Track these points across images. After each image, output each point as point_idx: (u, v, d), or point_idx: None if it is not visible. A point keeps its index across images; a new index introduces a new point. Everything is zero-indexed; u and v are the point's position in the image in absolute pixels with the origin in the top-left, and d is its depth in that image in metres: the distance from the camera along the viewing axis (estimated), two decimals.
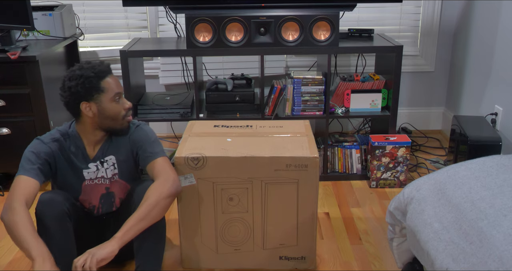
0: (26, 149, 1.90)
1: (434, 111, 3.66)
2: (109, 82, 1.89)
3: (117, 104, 1.92)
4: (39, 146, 1.91)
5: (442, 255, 1.41)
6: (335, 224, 2.51)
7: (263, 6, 2.73)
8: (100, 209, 2.05)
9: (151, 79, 3.46)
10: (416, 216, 1.58)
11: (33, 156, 1.88)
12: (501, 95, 2.77)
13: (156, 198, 1.81)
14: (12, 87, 2.68)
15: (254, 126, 2.28)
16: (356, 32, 3.07)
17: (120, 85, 1.94)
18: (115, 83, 1.92)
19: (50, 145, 1.92)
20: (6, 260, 2.26)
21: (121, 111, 1.94)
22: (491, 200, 1.43)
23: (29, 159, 1.87)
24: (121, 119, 1.95)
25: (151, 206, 1.80)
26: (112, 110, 1.91)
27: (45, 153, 1.90)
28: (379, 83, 2.94)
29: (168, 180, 1.87)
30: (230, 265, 2.16)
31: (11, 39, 2.81)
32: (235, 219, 2.08)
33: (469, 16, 3.22)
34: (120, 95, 1.94)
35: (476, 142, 2.51)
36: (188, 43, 2.73)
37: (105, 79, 1.89)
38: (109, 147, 2.00)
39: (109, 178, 2.01)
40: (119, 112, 1.93)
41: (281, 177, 2.01)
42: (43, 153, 1.90)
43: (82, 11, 3.38)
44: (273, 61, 3.34)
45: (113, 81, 1.91)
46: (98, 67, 1.88)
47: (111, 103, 1.90)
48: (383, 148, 2.79)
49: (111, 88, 1.89)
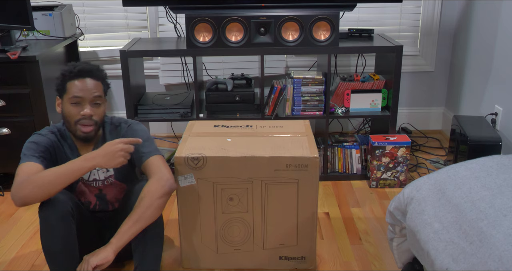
0: (26, 141, 1.91)
1: (434, 111, 3.66)
2: (74, 85, 1.87)
3: (73, 108, 1.88)
4: (38, 137, 1.93)
5: (442, 255, 1.41)
6: (335, 224, 2.51)
7: (263, 6, 2.73)
8: (96, 206, 2.06)
9: (151, 79, 3.46)
10: (416, 216, 1.58)
11: (34, 145, 1.89)
12: (501, 95, 2.77)
13: (149, 199, 1.81)
14: (12, 87, 2.68)
15: (254, 126, 2.28)
16: (356, 32, 3.07)
17: (87, 91, 1.87)
18: (80, 87, 1.86)
19: (49, 136, 1.94)
20: (6, 259, 2.26)
21: (75, 116, 1.89)
22: (491, 200, 1.43)
23: (30, 148, 1.88)
24: (73, 124, 1.90)
25: (145, 208, 1.80)
26: (66, 112, 1.90)
27: (46, 143, 1.92)
28: (379, 83, 2.94)
29: (161, 178, 1.86)
30: (230, 265, 2.16)
31: (11, 39, 2.81)
32: (235, 219, 2.08)
33: (469, 16, 3.22)
34: (80, 100, 1.87)
35: (476, 142, 2.51)
36: (188, 43, 2.73)
37: (72, 81, 1.87)
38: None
39: (102, 180, 2.01)
40: (72, 116, 1.89)
41: (281, 177, 2.01)
42: (43, 143, 1.91)
43: (82, 11, 3.38)
44: (273, 61, 3.34)
45: (79, 85, 1.87)
46: (76, 68, 1.88)
47: (68, 105, 1.89)
48: (383, 148, 2.79)
49: (71, 90, 1.87)
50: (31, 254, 2.29)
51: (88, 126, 1.91)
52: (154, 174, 1.89)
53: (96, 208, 2.06)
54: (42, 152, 1.88)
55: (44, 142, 1.92)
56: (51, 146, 1.93)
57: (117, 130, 2.03)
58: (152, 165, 1.92)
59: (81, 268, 1.71)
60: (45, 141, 1.92)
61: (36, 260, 2.25)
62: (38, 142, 1.90)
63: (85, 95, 1.87)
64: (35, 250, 2.31)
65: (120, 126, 2.04)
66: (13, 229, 2.49)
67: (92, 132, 1.93)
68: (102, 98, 1.93)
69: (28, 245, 2.36)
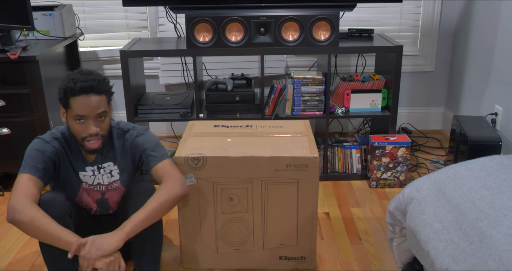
0: (30, 147, 1.89)
1: (434, 111, 3.66)
2: (77, 102, 1.79)
3: (78, 125, 1.83)
4: (43, 145, 1.89)
5: (442, 255, 1.41)
6: (335, 224, 2.51)
7: (263, 6, 2.73)
8: (97, 212, 2.06)
9: (151, 79, 3.46)
10: (416, 216, 1.58)
11: (38, 154, 1.86)
12: (501, 95, 2.77)
13: (166, 198, 1.82)
14: (12, 87, 2.68)
15: (254, 126, 2.28)
16: (356, 32, 3.07)
17: (91, 109, 1.80)
18: (84, 105, 1.79)
19: (53, 143, 1.91)
20: (6, 260, 2.26)
21: (81, 133, 1.84)
22: (491, 200, 1.43)
23: (34, 157, 1.85)
24: (80, 140, 1.86)
25: (161, 205, 1.81)
26: (72, 128, 1.86)
27: (50, 152, 1.89)
28: (379, 83, 2.94)
29: (177, 181, 1.87)
30: (230, 265, 2.16)
31: (11, 39, 2.81)
32: (235, 219, 2.08)
33: (469, 16, 3.22)
34: (85, 118, 1.81)
35: (476, 142, 2.50)
36: (188, 43, 2.73)
37: (75, 97, 1.78)
38: (108, 153, 1.99)
39: (105, 185, 2.01)
40: (78, 133, 1.85)
41: (281, 177, 2.01)
42: (48, 152, 1.88)
43: (82, 11, 3.38)
44: (273, 61, 3.34)
45: (83, 102, 1.79)
46: (77, 85, 1.77)
47: (73, 121, 1.83)
48: (383, 148, 2.79)
49: (75, 108, 1.79)
50: (31, 254, 2.29)
51: (95, 142, 1.87)
52: (170, 176, 1.88)
53: (97, 213, 2.06)
54: (45, 163, 1.86)
55: (49, 151, 1.88)
56: (55, 155, 1.91)
57: (125, 137, 2.00)
58: (166, 168, 1.91)
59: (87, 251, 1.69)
60: (50, 149, 1.89)
61: (36, 260, 2.25)
62: (43, 150, 1.87)
63: (89, 113, 1.81)
64: (35, 250, 2.31)
65: (129, 132, 2.01)
66: (13, 229, 2.49)
67: (100, 146, 1.89)
68: (106, 112, 1.87)
69: (28, 245, 2.36)
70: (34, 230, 1.71)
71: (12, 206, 1.72)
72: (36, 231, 1.71)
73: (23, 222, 1.71)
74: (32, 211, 1.71)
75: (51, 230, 1.70)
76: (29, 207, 1.72)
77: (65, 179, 1.97)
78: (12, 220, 1.72)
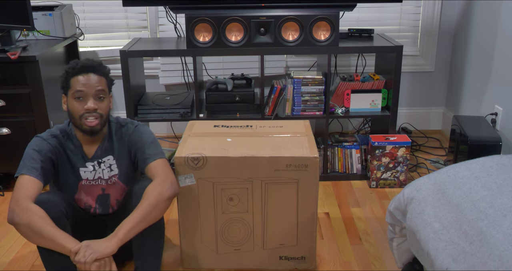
0: (28, 147, 1.90)
1: (434, 111, 3.66)
2: (77, 80, 1.87)
3: (77, 103, 1.88)
4: (40, 143, 1.91)
5: (442, 255, 1.41)
6: (335, 224, 2.51)
7: (263, 6, 2.73)
8: (97, 210, 2.06)
9: (151, 79, 3.46)
10: (416, 216, 1.58)
11: (35, 154, 1.88)
12: (501, 95, 2.77)
13: (156, 199, 1.81)
14: (12, 87, 2.68)
15: (254, 126, 2.28)
16: (356, 32, 3.07)
17: (90, 85, 1.88)
18: (82, 82, 1.87)
19: (50, 141, 1.93)
20: (6, 259, 2.26)
21: (79, 111, 1.88)
22: (491, 200, 1.43)
23: (32, 157, 1.87)
24: (78, 119, 1.90)
25: (151, 207, 1.80)
26: (71, 107, 1.90)
27: (48, 150, 1.91)
28: (379, 83, 2.94)
29: (166, 181, 1.87)
30: (230, 265, 2.16)
31: (11, 39, 2.81)
32: (235, 219, 2.08)
33: (469, 16, 3.22)
34: (84, 94, 1.87)
35: (476, 142, 2.50)
36: (188, 43, 2.73)
37: (75, 76, 1.88)
38: (107, 146, 2.00)
39: (105, 180, 2.01)
40: (77, 111, 1.89)
41: (281, 177, 2.01)
42: (45, 150, 1.90)
43: (82, 11, 3.38)
44: (273, 61, 3.34)
45: (82, 80, 1.87)
46: (78, 64, 1.89)
47: (72, 101, 1.89)
48: (383, 148, 2.79)
49: (74, 86, 1.87)
50: (31, 254, 2.30)
51: (93, 120, 1.90)
52: (159, 176, 1.89)
53: (96, 212, 2.06)
54: (43, 162, 1.88)
55: (46, 149, 1.90)
56: (52, 153, 1.92)
57: (123, 131, 2.03)
58: (157, 168, 1.92)
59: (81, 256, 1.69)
60: (47, 147, 1.91)
61: (36, 260, 2.25)
62: (40, 149, 1.89)
63: (88, 89, 1.88)
64: (35, 250, 2.31)
65: (127, 126, 2.03)
66: (13, 229, 2.48)
67: (98, 126, 1.92)
68: (105, 92, 1.92)
69: (28, 245, 2.36)
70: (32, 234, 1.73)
71: (12, 208, 1.76)
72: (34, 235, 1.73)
73: (20, 224, 1.73)
74: (30, 214, 1.72)
75: (47, 234, 1.71)
76: (27, 210, 1.73)
77: (63, 177, 1.98)
78: (11, 222, 1.75)
